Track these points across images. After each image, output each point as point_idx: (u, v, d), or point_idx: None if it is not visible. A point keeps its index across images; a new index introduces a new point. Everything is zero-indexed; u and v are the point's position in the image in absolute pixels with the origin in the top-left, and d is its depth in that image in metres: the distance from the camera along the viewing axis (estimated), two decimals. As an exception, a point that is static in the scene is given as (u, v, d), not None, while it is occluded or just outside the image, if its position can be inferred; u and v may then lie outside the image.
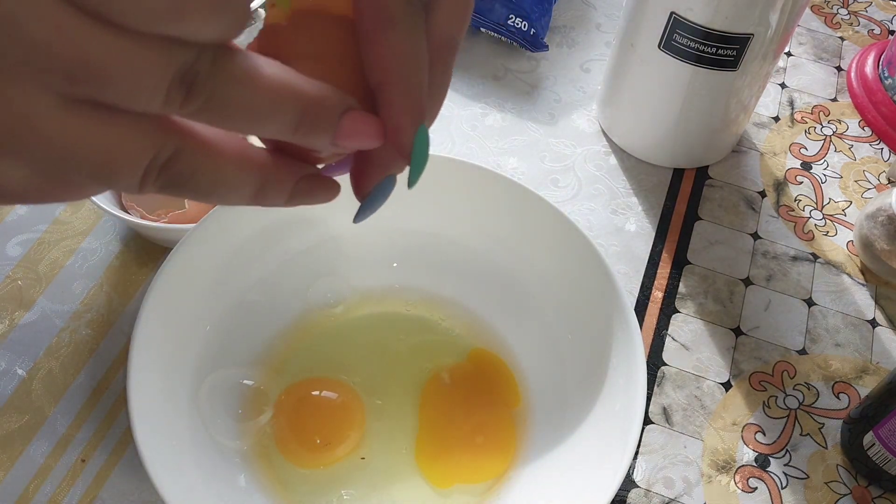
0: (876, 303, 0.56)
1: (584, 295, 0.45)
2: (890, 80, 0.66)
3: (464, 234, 0.49)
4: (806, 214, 0.60)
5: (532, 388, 0.47)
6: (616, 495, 0.46)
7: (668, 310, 0.54)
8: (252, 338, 0.46)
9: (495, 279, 0.49)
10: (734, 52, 0.53)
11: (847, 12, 0.76)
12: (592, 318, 0.44)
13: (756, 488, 0.47)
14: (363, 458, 0.44)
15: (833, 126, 0.66)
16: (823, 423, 0.50)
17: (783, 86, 0.69)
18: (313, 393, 0.46)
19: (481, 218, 0.48)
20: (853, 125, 0.67)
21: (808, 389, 0.51)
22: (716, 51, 0.53)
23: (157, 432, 0.38)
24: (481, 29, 0.67)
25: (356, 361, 0.48)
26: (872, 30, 0.75)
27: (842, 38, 0.74)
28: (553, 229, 0.46)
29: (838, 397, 0.51)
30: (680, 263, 0.56)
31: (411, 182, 0.23)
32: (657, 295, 0.54)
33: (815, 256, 0.58)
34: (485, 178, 0.47)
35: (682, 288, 0.55)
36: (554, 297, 0.47)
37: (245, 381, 0.45)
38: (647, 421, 0.49)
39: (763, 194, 0.61)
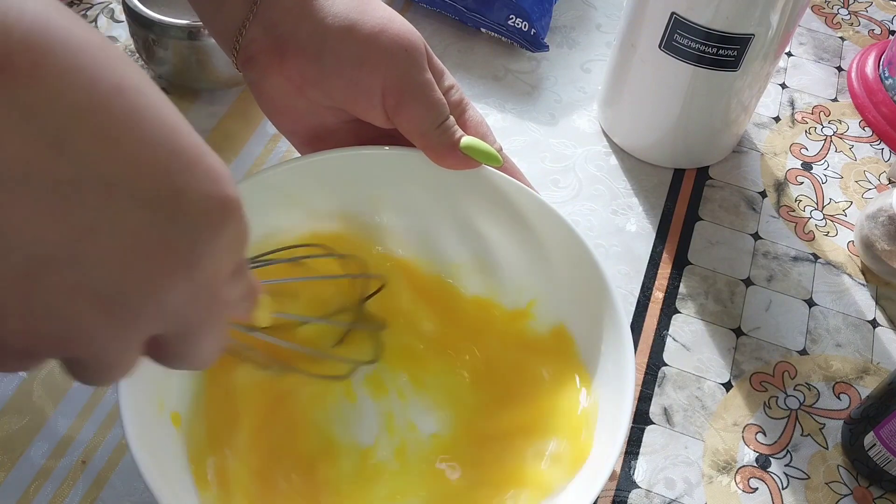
0: (877, 303, 0.56)
1: (574, 291, 0.44)
2: (890, 81, 0.66)
3: (461, 235, 0.49)
4: (806, 215, 0.60)
5: None
6: (617, 496, 0.46)
7: (668, 310, 0.54)
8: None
9: (493, 280, 0.49)
10: (735, 53, 0.53)
11: (847, 12, 0.76)
12: (582, 314, 0.44)
13: (757, 489, 0.47)
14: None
15: (833, 126, 0.66)
16: (824, 424, 0.50)
17: (784, 86, 0.69)
18: None
19: (479, 217, 0.48)
20: (853, 125, 0.67)
21: (809, 390, 0.51)
22: (716, 51, 0.53)
23: (152, 433, 0.38)
24: (481, 29, 0.67)
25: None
26: (873, 30, 0.75)
27: (842, 38, 0.74)
28: (542, 225, 0.45)
29: (839, 398, 0.51)
30: (680, 264, 0.56)
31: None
32: (658, 295, 0.54)
33: (816, 257, 0.58)
34: (484, 178, 0.47)
35: (682, 288, 0.55)
36: (543, 291, 0.46)
37: None
38: (647, 421, 0.49)
39: (763, 195, 0.61)
